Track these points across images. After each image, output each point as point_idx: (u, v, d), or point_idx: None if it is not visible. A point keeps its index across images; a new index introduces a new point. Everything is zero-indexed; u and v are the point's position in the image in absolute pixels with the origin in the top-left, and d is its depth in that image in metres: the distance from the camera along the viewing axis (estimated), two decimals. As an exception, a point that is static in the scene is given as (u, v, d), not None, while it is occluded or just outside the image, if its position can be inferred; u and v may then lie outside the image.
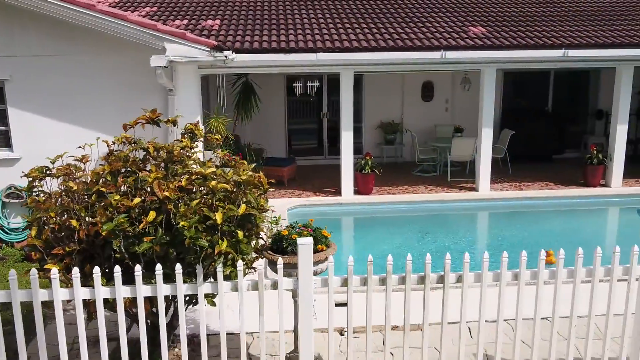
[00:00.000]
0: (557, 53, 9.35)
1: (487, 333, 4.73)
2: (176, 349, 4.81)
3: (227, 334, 4.20)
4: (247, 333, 4.98)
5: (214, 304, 4.24)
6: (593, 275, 3.82)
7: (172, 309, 4.55)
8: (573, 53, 9.33)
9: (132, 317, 4.27)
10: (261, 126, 13.18)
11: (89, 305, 3.80)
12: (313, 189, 10.66)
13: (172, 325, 4.60)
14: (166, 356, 3.83)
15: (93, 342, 4.75)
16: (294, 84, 13.09)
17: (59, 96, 7.97)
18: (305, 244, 3.63)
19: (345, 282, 3.74)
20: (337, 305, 5.54)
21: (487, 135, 10.21)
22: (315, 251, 4.15)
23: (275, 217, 4.40)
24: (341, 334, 5.10)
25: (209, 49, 7.26)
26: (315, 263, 3.95)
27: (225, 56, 7.44)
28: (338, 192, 10.19)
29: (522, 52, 9.36)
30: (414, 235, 8.57)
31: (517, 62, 9.78)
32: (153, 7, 11.27)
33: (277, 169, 10.90)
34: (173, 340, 4.85)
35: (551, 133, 12.91)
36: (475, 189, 10.39)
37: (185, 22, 10.26)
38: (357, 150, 13.56)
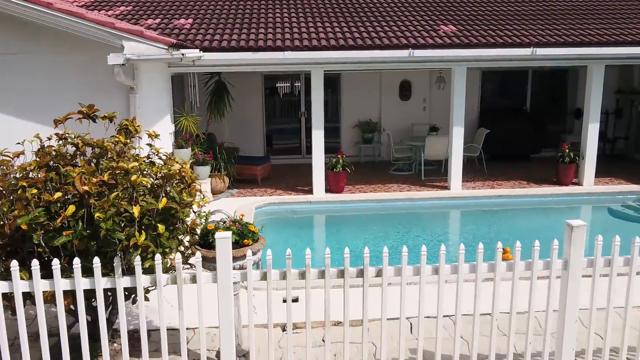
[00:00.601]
0: (525, 51, 9.36)
1: (428, 329, 4.76)
2: (115, 344, 4.83)
3: (168, 329, 4.22)
4: (188, 328, 5.02)
5: (147, 299, 4.26)
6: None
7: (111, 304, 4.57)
8: (541, 51, 9.35)
9: (70, 313, 4.29)
10: (239, 125, 13.22)
11: (10, 299, 3.83)
12: (286, 188, 10.68)
13: (111, 320, 4.63)
14: (106, 350, 3.84)
15: (35, 338, 4.77)
16: (276, 84, 13.15)
17: (20, 95, 8.00)
18: (222, 237, 3.65)
19: (264, 276, 3.76)
20: (289, 300, 5.60)
21: (458, 134, 10.22)
22: (242, 245, 4.18)
23: (205, 212, 4.41)
24: (283, 330, 5.11)
25: (166, 47, 7.28)
26: (238, 258, 3.97)
27: (182, 54, 7.47)
28: (311, 191, 10.20)
29: (490, 51, 9.37)
30: (379, 233, 8.58)
31: (486, 60, 9.80)
32: (128, 6, 11.31)
33: (250, 168, 10.93)
34: (113, 335, 4.87)
35: (529, 132, 12.92)
36: (447, 188, 10.41)
37: (157, 21, 10.30)
38: (335, 149, 13.58)
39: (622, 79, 13.53)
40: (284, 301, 5.47)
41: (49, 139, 4.46)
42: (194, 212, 4.38)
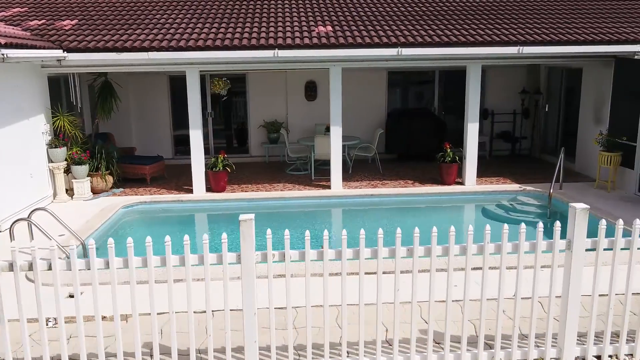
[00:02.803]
0: (392, 51, 9.43)
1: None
2: None
3: None
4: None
5: None
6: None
7: None
8: (406, 51, 9.40)
9: None
10: (147, 126, 13.32)
11: None
12: (173, 187, 10.75)
13: None
14: None
15: None
16: (181, 85, 13.20)
17: None
18: None
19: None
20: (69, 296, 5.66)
21: (336, 134, 10.28)
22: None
23: None
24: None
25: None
26: None
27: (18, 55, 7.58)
28: (193, 190, 10.28)
29: (359, 51, 9.44)
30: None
31: (357, 60, 9.88)
32: (24, 8, 11.45)
33: (138, 167, 11.01)
34: None
35: (433, 132, 12.94)
36: (329, 187, 10.47)
37: (42, 22, 10.42)
38: (245, 150, 13.72)
39: (530, 80, 13.56)
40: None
41: None
42: None
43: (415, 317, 4.11)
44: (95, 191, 10.27)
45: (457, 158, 10.53)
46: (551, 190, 9.12)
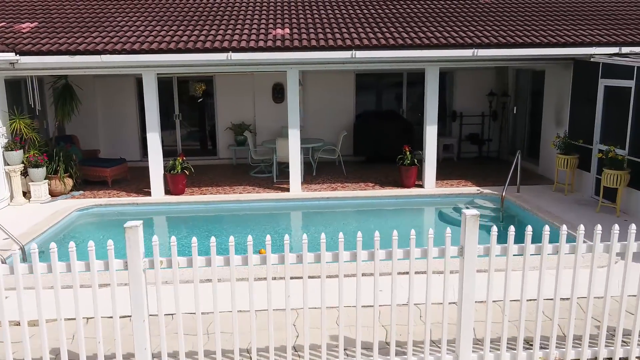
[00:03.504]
0: (346, 54, 9.43)
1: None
2: None
3: None
4: None
5: None
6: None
7: None
8: (360, 54, 9.40)
9: None
10: (115, 129, 13.33)
11: None
12: (133, 190, 10.75)
13: None
14: None
15: None
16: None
17: None
18: None
19: None
20: None
21: (294, 136, 10.28)
22: None
23: None
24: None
25: None
26: None
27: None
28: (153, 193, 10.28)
29: (314, 54, 9.43)
30: (184, 233, 8.66)
31: (312, 63, 9.88)
32: (-10, 11, 11.48)
33: (99, 170, 11.01)
34: None
35: (401, 135, 12.92)
36: (288, 190, 10.46)
37: (0, 25, 10.44)
38: (214, 152, 13.73)
39: (498, 82, 13.55)
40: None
41: None
42: None
43: (325, 323, 4.10)
44: (54, 194, 10.28)
45: (416, 161, 10.51)
46: (503, 194, 9.11)
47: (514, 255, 4.11)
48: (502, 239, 4.07)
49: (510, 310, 4.24)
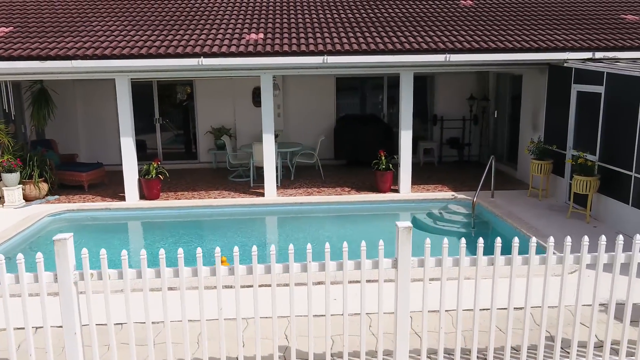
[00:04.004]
0: (317, 59, 9.41)
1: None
2: None
3: None
4: None
5: None
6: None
7: None
8: (331, 59, 9.39)
9: None
10: (96, 133, 13.33)
11: None
12: (109, 195, 10.74)
13: None
14: None
15: None
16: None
17: None
18: None
19: None
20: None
21: (268, 140, 10.26)
22: None
23: None
24: None
25: None
26: None
27: None
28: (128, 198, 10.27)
29: (287, 59, 9.41)
30: (154, 239, 8.65)
31: (285, 68, 9.87)
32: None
33: (76, 174, 11.01)
34: None
35: (381, 139, 12.91)
36: (264, 195, 10.45)
37: (-23, 29, 10.45)
38: (194, 156, 13.73)
39: (479, 86, 13.52)
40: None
41: None
42: None
43: (278, 332, 4.09)
44: (28, 199, 10.28)
45: (391, 166, 10.49)
46: (474, 199, 9.08)
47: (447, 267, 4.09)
48: (471, 246, 4.05)
49: (461, 322, 4.21)
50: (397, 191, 10.61)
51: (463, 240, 4.07)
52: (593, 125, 8.75)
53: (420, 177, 11.88)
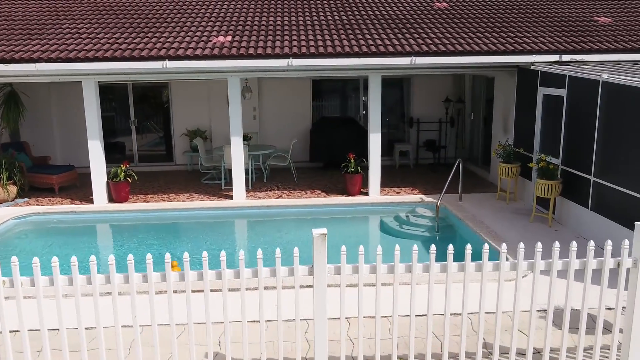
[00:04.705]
0: (283, 62, 9.39)
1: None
2: None
3: None
4: None
5: None
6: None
7: None
8: (297, 62, 9.36)
9: None
10: (73, 135, 13.29)
11: None
12: (79, 197, 10.73)
13: None
14: None
15: None
16: (106, 94, 13.23)
17: None
18: None
19: None
20: None
21: (236, 143, 10.24)
22: None
23: None
24: None
25: None
26: None
27: None
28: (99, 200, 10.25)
29: (252, 62, 9.38)
30: (117, 243, 8.63)
31: (252, 71, 9.85)
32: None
33: (46, 177, 11.01)
34: None
35: (358, 141, 12.85)
36: (232, 198, 10.43)
37: (-54, 32, 10.45)
38: (170, 158, 13.71)
39: (455, 88, 13.49)
40: None
41: None
42: None
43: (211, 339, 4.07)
44: (-4, 201, 10.28)
45: (360, 168, 10.46)
46: (438, 203, 9.05)
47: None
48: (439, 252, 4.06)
49: (398, 327, 4.17)
50: (366, 194, 10.58)
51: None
52: (557, 128, 8.71)
53: (393, 179, 11.86)
